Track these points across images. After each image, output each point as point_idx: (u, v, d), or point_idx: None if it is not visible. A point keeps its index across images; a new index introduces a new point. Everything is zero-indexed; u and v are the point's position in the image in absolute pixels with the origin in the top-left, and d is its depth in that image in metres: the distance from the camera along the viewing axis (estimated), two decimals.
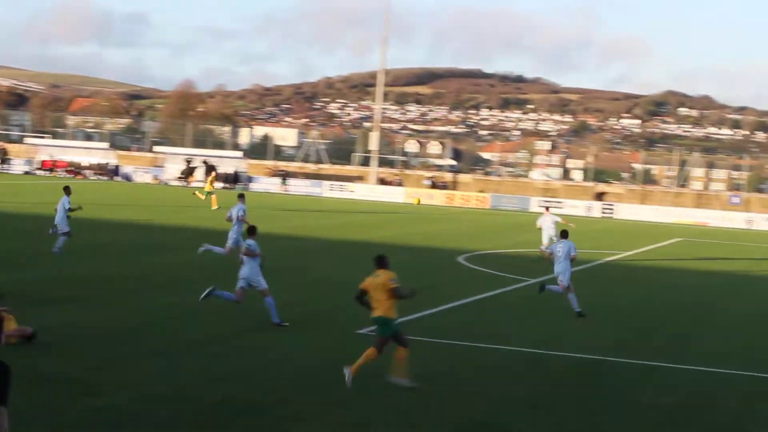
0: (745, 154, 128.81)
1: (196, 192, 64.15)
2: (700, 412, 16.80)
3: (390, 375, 17.03)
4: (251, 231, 22.94)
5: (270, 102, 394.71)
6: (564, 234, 28.18)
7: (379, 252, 18.45)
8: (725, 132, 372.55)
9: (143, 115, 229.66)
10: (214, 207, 59.47)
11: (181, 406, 14.88)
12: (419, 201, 55.10)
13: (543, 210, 45.93)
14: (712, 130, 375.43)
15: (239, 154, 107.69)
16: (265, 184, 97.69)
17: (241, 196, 35.23)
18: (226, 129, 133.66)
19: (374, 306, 17.48)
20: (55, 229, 33.42)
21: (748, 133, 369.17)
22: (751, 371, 20.36)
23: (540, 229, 42.35)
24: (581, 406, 16.69)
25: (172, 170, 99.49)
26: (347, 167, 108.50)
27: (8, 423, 8.33)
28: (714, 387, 18.81)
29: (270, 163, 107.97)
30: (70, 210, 33.14)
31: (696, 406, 17.16)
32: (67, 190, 34.02)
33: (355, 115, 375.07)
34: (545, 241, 41.50)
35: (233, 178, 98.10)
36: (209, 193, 62.29)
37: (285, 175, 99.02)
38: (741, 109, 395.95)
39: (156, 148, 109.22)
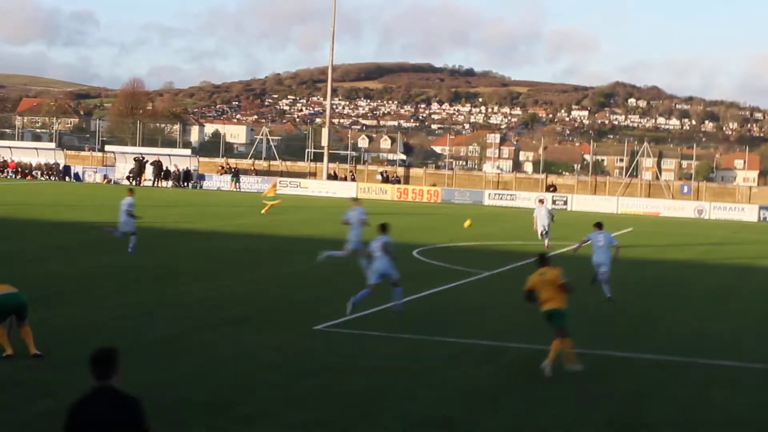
0: (694, 144, 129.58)
1: (265, 202, 63.85)
2: (655, 399, 16.81)
3: (565, 365, 18.42)
4: (384, 228, 25.00)
5: (219, 99, 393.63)
6: (599, 225, 29.32)
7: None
8: (674, 122, 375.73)
9: (91, 114, 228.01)
10: (263, 212, 59.53)
11: None
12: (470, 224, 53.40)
13: (537, 203, 48.74)
14: (661, 120, 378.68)
15: (189, 152, 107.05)
16: (216, 182, 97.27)
17: (356, 200, 35.78)
18: (176, 127, 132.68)
19: (544, 300, 18.84)
20: (116, 231, 36.12)
21: (695, 123, 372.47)
22: (705, 359, 20.42)
23: (535, 219, 45.29)
24: (539, 396, 16.66)
25: (123, 169, 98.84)
26: (299, 163, 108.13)
27: None
28: (669, 375, 18.84)
29: (221, 160, 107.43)
30: (131, 212, 35.63)
31: (651, 394, 17.17)
32: (131, 192, 37.16)
33: (306, 111, 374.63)
34: (539, 230, 44.53)
35: (184, 177, 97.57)
36: (272, 199, 62.04)
37: (236, 173, 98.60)
38: (689, 100, 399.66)
39: (107, 148, 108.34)
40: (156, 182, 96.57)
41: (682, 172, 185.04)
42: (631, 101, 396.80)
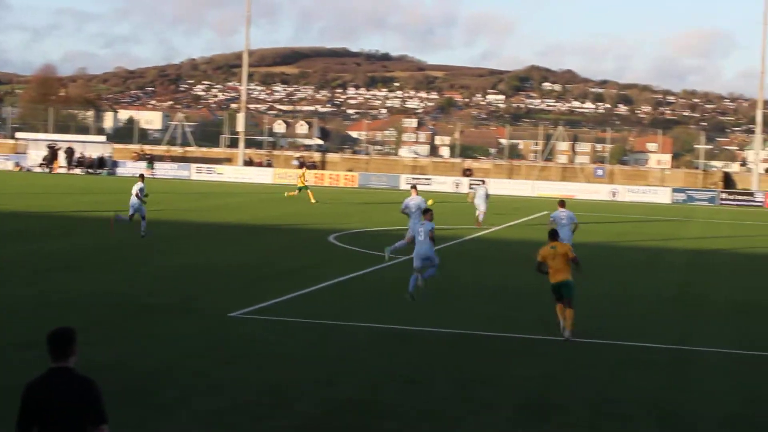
0: (608, 127, 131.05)
1: (287, 193, 64.36)
2: (571, 381, 17.03)
3: (564, 330, 20.54)
4: (427, 213, 26.16)
5: (134, 85, 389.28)
6: (562, 203, 30.76)
7: None
8: (588, 106, 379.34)
9: (3, 101, 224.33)
10: (313, 201, 60.02)
11: None
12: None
13: (479, 183, 50.69)
14: (576, 104, 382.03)
15: (104, 138, 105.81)
16: (131, 168, 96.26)
17: (414, 187, 35.80)
18: (90, 113, 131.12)
19: (554, 272, 21.00)
20: (123, 218, 37.84)
21: (610, 106, 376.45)
22: (619, 341, 20.71)
23: (472, 201, 47.29)
24: (457, 380, 16.78)
25: (35, 157, 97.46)
26: (215, 149, 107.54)
27: None
28: (584, 357, 19.08)
29: (136, 147, 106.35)
30: (143, 196, 37.44)
31: (567, 376, 17.38)
32: (142, 177, 39.39)
33: (221, 96, 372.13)
34: (480, 210, 46.76)
35: (98, 163, 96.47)
36: (303, 188, 62.55)
37: (151, 159, 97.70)
38: (603, 83, 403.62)
39: (18, 135, 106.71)
40: (69, 169, 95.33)
41: (596, 155, 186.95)
42: (546, 85, 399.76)
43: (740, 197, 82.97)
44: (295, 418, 14.21)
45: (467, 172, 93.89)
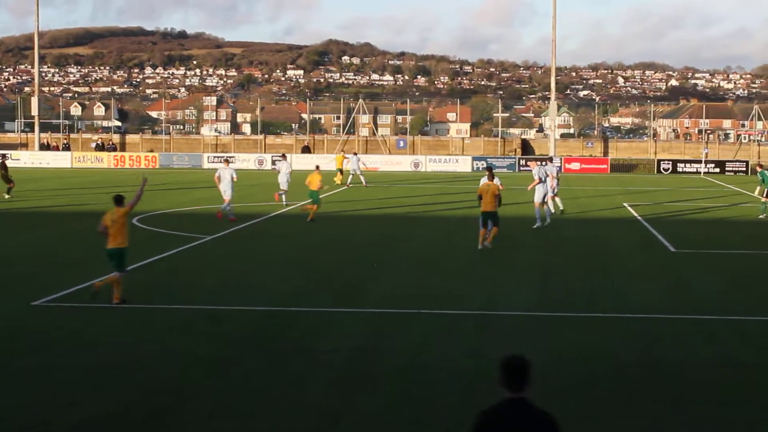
0: (408, 99, 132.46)
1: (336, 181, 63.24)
2: (380, 352, 17.22)
3: (485, 242, 29.85)
4: (490, 169, 31.96)
5: None
6: (489, 170, 32.48)
7: None
8: (388, 78, 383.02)
9: None
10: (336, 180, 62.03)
11: None
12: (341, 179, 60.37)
13: (280, 158, 50.51)
14: (375, 77, 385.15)
15: None
16: None
17: (489, 169, 34.44)
18: None
19: (485, 204, 29.85)
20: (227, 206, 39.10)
21: (408, 78, 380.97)
22: (427, 309, 21.02)
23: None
24: (265, 356, 16.78)
25: None
26: (9, 134, 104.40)
27: None
28: (392, 327, 19.31)
29: None
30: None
31: (377, 347, 17.57)
32: (227, 161, 41.37)
33: (14, 80, 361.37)
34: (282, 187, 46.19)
35: None
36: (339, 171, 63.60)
37: None
38: (401, 55, 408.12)
39: None
40: None
41: (397, 126, 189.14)
42: (345, 59, 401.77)
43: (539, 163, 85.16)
44: (108, 402, 14.01)
45: (305, 150, 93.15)
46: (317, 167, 41.99)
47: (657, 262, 28.83)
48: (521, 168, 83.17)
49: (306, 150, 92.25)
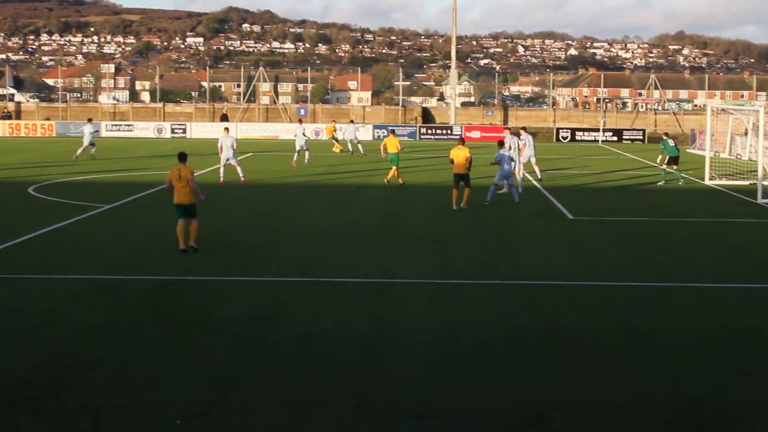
0: (309, 67, 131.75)
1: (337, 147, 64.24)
2: (278, 320, 17.15)
3: (459, 205, 32.56)
4: (501, 145, 36.03)
5: None
6: (501, 144, 36.19)
7: None
8: (289, 46, 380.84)
9: None
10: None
11: None
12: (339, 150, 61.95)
13: (224, 131, 48.95)
14: (276, 45, 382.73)
15: None
16: None
17: (501, 144, 36.55)
18: None
19: (456, 167, 32.86)
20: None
21: (309, 46, 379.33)
22: (326, 277, 21.00)
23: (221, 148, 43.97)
24: (164, 327, 16.63)
25: None
26: None
27: None
28: (291, 295, 19.24)
29: None
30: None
31: (274, 315, 17.49)
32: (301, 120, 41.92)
33: None
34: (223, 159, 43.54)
35: None
36: (335, 139, 64.85)
37: None
38: (302, 23, 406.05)
39: None
40: None
41: (298, 95, 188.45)
42: (246, 26, 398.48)
43: (439, 131, 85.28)
44: None
45: (224, 118, 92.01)
46: (393, 131, 45.23)
47: (555, 229, 29.11)
48: (422, 136, 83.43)
49: (224, 118, 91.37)
